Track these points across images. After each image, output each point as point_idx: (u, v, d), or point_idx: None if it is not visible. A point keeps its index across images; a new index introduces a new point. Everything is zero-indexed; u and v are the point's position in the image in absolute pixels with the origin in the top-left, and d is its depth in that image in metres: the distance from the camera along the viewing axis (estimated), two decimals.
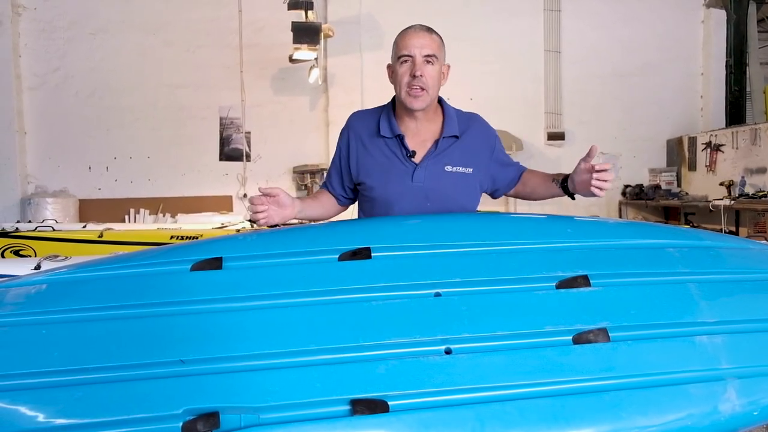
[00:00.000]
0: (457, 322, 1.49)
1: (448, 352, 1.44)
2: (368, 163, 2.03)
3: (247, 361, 1.41)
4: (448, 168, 1.99)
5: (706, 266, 1.72)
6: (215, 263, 1.61)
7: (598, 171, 1.89)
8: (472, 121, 2.10)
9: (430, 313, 1.51)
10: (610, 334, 1.48)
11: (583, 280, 1.59)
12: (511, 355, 1.44)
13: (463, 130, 2.04)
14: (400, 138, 2.00)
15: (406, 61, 1.93)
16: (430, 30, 1.97)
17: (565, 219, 1.90)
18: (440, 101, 2.07)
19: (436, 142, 2.00)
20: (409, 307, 1.52)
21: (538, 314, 1.53)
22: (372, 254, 1.63)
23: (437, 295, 1.54)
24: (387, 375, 1.38)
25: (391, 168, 1.99)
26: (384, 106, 2.09)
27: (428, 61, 1.92)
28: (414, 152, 1.98)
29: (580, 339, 1.47)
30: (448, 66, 2.03)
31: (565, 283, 1.59)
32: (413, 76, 1.91)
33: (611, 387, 1.39)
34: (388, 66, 2.03)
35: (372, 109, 2.13)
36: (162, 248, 1.80)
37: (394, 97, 2.06)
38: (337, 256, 1.64)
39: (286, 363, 1.41)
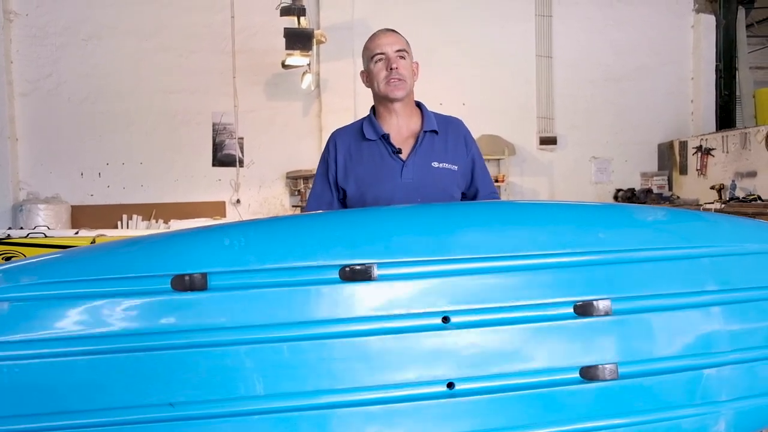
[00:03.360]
0: (462, 357, 1.41)
1: (450, 386, 1.39)
2: (357, 169, 2.09)
3: (236, 405, 1.33)
4: (435, 164, 2.07)
5: (740, 281, 1.57)
6: (200, 281, 1.37)
7: None
8: (451, 121, 2.21)
9: (434, 346, 1.41)
10: (619, 371, 1.43)
11: (604, 306, 1.47)
12: (516, 397, 1.39)
13: (443, 129, 2.14)
14: (386, 137, 2.08)
15: (380, 59, 2.05)
16: (394, 30, 2.12)
17: (593, 217, 1.60)
18: (418, 104, 2.19)
19: (418, 138, 2.09)
20: (413, 342, 1.41)
21: (550, 347, 1.44)
22: (376, 273, 1.41)
23: (445, 319, 1.42)
24: (387, 420, 1.33)
25: (382, 167, 2.06)
26: (362, 118, 2.18)
27: (400, 56, 2.05)
28: (400, 149, 2.07)
29: (588, 374, 1.43)
30: (417, 63, 2.16)
31: (583, 309, 1.46)
32: (390, 69, 2.03)
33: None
34: (362, 72, 2.16)
35: (350, 123, 2.23)
36: (139, 250, 1.49)
37: (372, 107, 2.17)
38: (338, 271, 1.41)
39: (280, 408, 1.33)
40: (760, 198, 6.25)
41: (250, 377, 1.35)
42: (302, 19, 6.50)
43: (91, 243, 4.32)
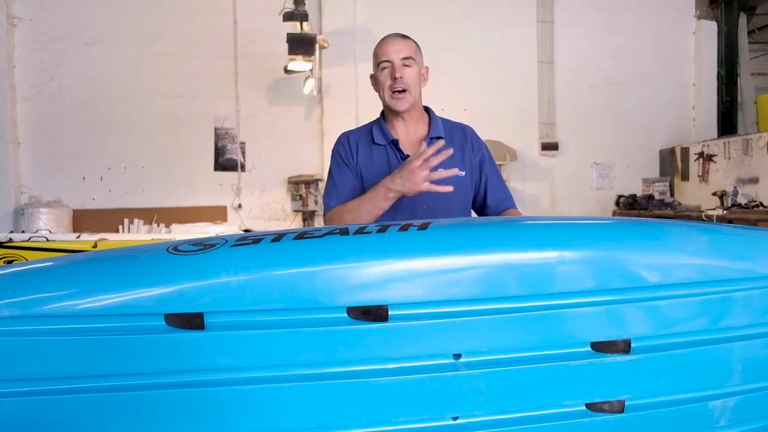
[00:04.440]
0: (472, 399, 1.36)
1: (455, 419, 1.35)
2: (368, 172, 2.08)
3: None
4: (441, 170, 2.01)
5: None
6: (196, 320, 1.28)
7: None
8: (459, 127, 2.19)
9: (443, 387, 1.36)
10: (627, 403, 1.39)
11: (623, 346, 1.39)
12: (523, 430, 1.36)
13: (450, 135, 2.12)
14: (395, 143, 2.08)
15: (385, 66, 2.04)
16: (404, 36, 2.10)
17: (617, 249, 1.41)
18: (427, 109, 2.18)
19: (424, 143, 2.05)
20: (422, 383, 1.35)
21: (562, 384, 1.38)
22: (388, 314, 1.32)
23: (456, 356, 1.35)
24: None
25: (390, 173, 2.03)
26: (369, 123, 2.18)
27: (406, 64, 2.03)
28: (408, 156, 2.04)
29: (593, 407, 1.39)
30: (427, 68, 2.15)
31: (600, 347, 1.39)
32: (394, 79, 2.02)
33: None
34: (371, 76, 2.14)
35: (359, 127, 2.23)
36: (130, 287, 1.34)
37: (382, 111, 2.16)
38: (345, 311, 1.32)
39: None
40: (762, 204, 6.23)
41: (254, 418, 1.31)
42: (305, 24, 6.52)
43: (93, 247, 4.32)
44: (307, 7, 6.56)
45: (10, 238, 4.54)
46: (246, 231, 4.94)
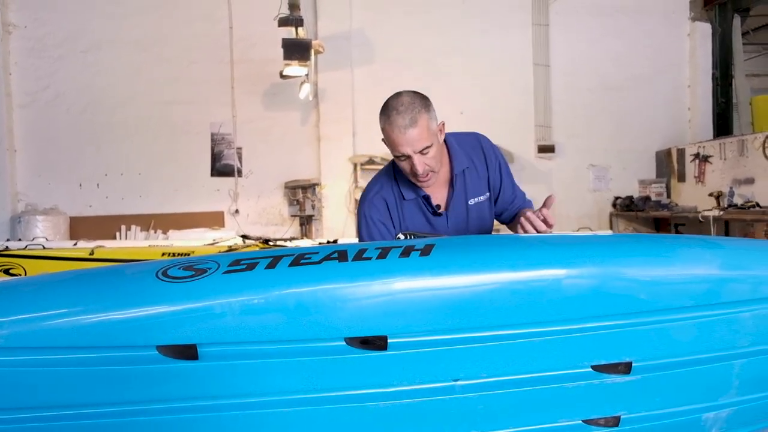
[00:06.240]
0: (470, 419, 1.35)
1: None
2: (411, 223, 2.05)
3: None
4: (471, 202, 2.08)
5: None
6: (189, 351, 1.26)
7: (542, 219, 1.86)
8: (475, 144, 2.12)
9: (442, 408, 1.34)
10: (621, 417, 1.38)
11: (624, 368, 1.37)
12: None
13: (470, 157, 2.08)
14: (426, 199, 2.04)
15: (403, 159, 1.91)
16: (413, 121, 1.85)
17: (616, 277, 1.37)
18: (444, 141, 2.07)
19: (451, 184, 2.05)
20: (421, 406, 1.33)
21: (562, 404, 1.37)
22: (388, 343, 1.30)
23: (455, 380, 1.35)
24: None
25: (430, 221, 2.05)
26: (387, 172, 2.08)
27: (425, 153, 1.88)
28: (439, 205, 2.06)
29: (590, 422, 1.37)
30: (443, 123, 1.99)
31: (601, 369, 1.38)
32: (415, 173, 1.91)
33: None
34: (383, 140, 1.96)
35: (375, 182, 2.11)
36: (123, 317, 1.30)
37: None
38: (343, 340, 1.30)
39: None
40: (758, 205, 6.24)
41: None
42: (300, 29, 6.53)
43: (90, 254, 4.31)
44: (302, 12, 6.57)
45: (7, 246, 4.53)
46: (243, 237, 4.93)
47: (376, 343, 1.27)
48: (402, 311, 1.29)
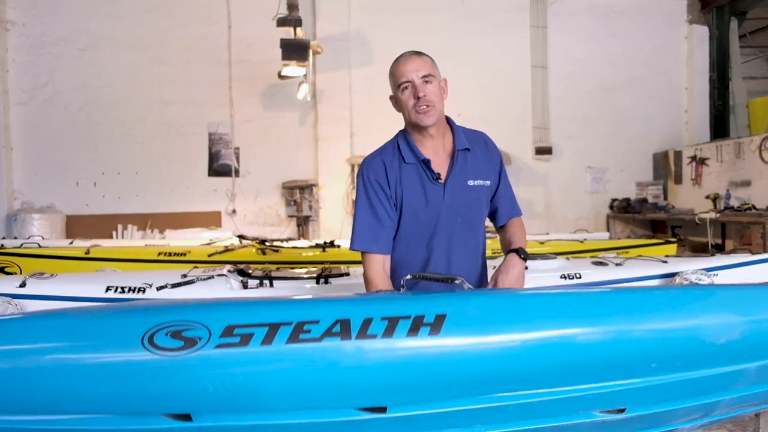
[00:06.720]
0: None
1: None
2: (407, 191, 2.07)
3: None
4: (470, 182, 2.10)
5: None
6: (182, 418, 1.26)
7: None
8: (480, 136, 2.23)
9: None
10: None
11: (617, 411, 1.47)
12: None
13: (473, 144, 2.16)
14: (426, 163, 2.08)
15: (406, 87, 2.05)
16: (419, 53, 2.09)
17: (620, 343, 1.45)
18: (448, 120, 2.20)
19: (452, 158, 2.10)
20: None
21: None
22: (387, 409, 1.31)
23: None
24: None
25: (426, 191, 2.07)
26: (391, 141, 2.16)
27: (426, 81, 2.04)
28: (439, 174, 2.08)
29: None
30: (446, 80, 2.17)
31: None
32: (417, 98, 2.03)
33: None
34: (391, 97, 2.14)
35: (379, 148, 2.17)
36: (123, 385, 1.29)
37: (402, 130, 2.16)
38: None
39: None
40: (754, 207, 6.26)
41: None
42: (298, 29, 6.53)
43: (86, 253, 4.30)
44: (300, 13, 6.57)
45: (2, 245, 4.52)
46: (240, 237, 4.92)
47: (374, 409, 1.28)
48: (404, 387, 1.29)
